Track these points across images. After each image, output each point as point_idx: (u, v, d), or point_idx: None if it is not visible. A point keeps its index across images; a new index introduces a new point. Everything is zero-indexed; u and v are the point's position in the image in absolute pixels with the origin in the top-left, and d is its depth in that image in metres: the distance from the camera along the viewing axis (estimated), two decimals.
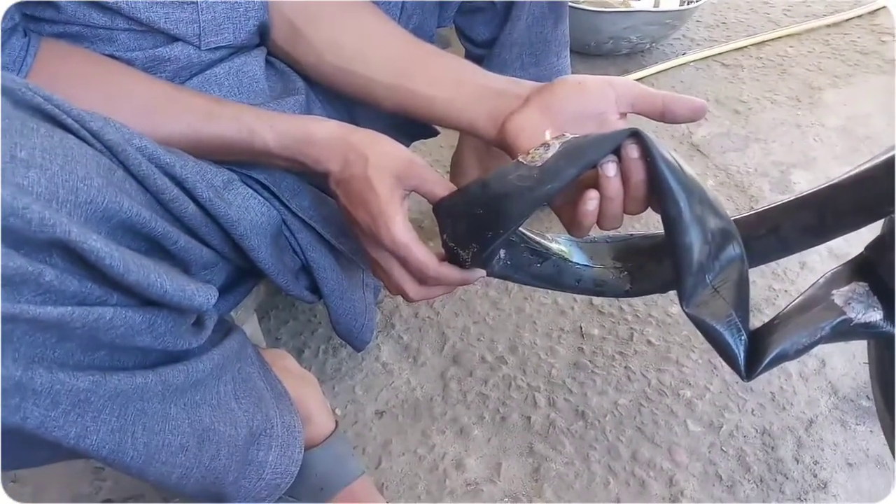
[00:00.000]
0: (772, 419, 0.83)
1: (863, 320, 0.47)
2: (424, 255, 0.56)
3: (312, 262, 0.66)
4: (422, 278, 0.58)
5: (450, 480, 0.78)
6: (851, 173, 0.53)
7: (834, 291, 0.48)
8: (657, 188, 0.49)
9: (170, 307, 0.43)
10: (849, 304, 0.47)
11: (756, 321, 0.89)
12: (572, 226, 0.56)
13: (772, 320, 0.51)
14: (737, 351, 0.49)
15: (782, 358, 0.49)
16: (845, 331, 0.47)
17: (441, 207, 0.55)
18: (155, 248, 0.46)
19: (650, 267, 0.59)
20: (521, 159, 0.52)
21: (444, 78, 0.65)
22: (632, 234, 0.61)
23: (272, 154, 0.58)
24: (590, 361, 0.90)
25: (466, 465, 0.79)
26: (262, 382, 0.60)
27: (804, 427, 0.82)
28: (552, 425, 0.83)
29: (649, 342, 0.92)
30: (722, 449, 0.80)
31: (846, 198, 0.53)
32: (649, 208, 0.54)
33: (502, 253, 0.57)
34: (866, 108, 1.35)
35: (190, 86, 0.61)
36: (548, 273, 0.59)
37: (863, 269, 0.50)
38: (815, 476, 0.77)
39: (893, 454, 0.59)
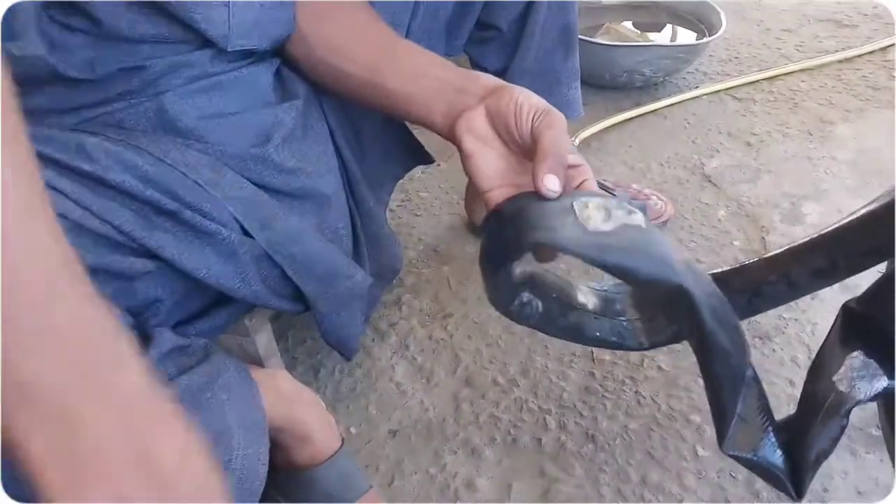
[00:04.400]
0: None
1: (872, 393, 0.47)
2: None
3: (296, 277, 0.67)
4: None
5: (461, 500, 0.79)
6: (860, 214, 0.54)
7: (834, 379, 0.48)
8: (704, 348, 0.49)
9: None
10: (853, 386, 0.47)
11: (766, 349, 0.90)
12: None
13: (794, 432, 0.51)
14: (783, 474, 0.49)
15: (820, 463, 0.50)
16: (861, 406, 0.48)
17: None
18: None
19: (661, 318, 0.59)
20: (578, 213, 0.50)
21: (407, 72, 0.66)
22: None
23: None
24: (601, 386, 0.92)
25: (477, 486, 0.81)
26: (234, 411, 0.59)
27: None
28: (563, 448, 0.84)
29: (660, 368, 0.93)
30: (731, 474, 0.81)
31: (857, 240, 0.53)
32: None
33: (538, 304, 0.57)
34: (877, 143, 1.37)
35: (193, 89, 0.63)
36: (573, 325, 0.59)
37: (853, 328, 0.50)
38: None
39: (893, 460, 0.59)
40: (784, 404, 0.88)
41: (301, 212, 0.68)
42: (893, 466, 0.61)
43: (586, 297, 0.59)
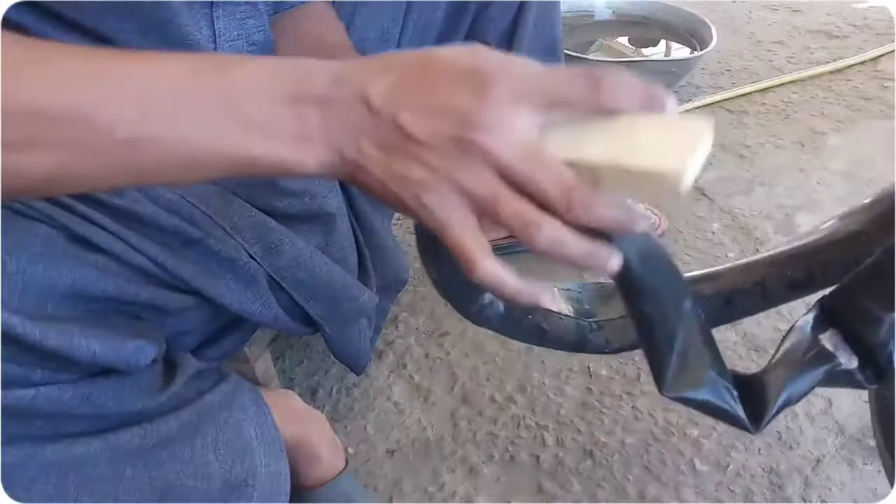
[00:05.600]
0: (779, 458, 0.84)
1: (846, 367, 0.48)
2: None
3: (302, 301, 0.67)
4: (565, 195, 0.36)
5: None
6: (841, 230, 0.54)
7: (821, 337, 0.49)
8: (629, 288, 0.46)
9: (114, 371, 0.45)
10: (838, 350, 0.48)
11: (762, 361, 0.89)
12: None
13: (765, 368, 0.52)
14: (734, 409, 0.49)
15: (787, 405, 0.50)
16: (833, 377, 0.48)
17: None
18: (119, 304, 0.48)
19: (623, 321, 0.57)
20: None
21: None
22: (602, 284, 0.59)
23: None
24: (598, 401, 0.92)
25: None
26: (253, 430, 0.60)
27: (811, 467, 0.83)
28: (560, 464, 0.84)
29: None
30: (729, 488, 0.81)
31: (837, 255, 0.53)
32: None
33: (500, 305, 0.55)
34: (869, 153, 1.38)
35: None
36: (536, 326, 0.57)
37: (831, 315, 0.51)
38: None
39: (893, 453, 0.59)
40: (782, 417, 0.88)
41: (307, 234, 0.69)
42: (890, 479, 0.61)
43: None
